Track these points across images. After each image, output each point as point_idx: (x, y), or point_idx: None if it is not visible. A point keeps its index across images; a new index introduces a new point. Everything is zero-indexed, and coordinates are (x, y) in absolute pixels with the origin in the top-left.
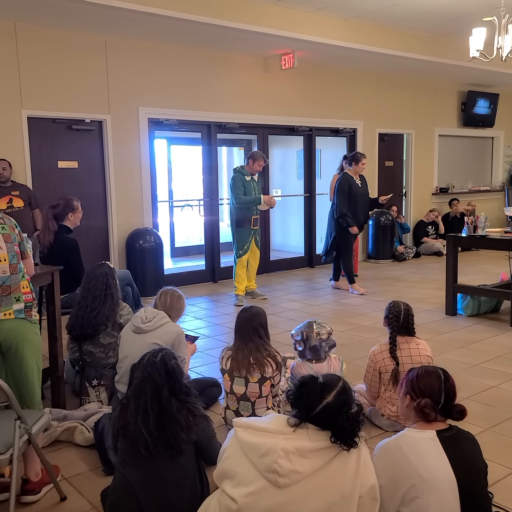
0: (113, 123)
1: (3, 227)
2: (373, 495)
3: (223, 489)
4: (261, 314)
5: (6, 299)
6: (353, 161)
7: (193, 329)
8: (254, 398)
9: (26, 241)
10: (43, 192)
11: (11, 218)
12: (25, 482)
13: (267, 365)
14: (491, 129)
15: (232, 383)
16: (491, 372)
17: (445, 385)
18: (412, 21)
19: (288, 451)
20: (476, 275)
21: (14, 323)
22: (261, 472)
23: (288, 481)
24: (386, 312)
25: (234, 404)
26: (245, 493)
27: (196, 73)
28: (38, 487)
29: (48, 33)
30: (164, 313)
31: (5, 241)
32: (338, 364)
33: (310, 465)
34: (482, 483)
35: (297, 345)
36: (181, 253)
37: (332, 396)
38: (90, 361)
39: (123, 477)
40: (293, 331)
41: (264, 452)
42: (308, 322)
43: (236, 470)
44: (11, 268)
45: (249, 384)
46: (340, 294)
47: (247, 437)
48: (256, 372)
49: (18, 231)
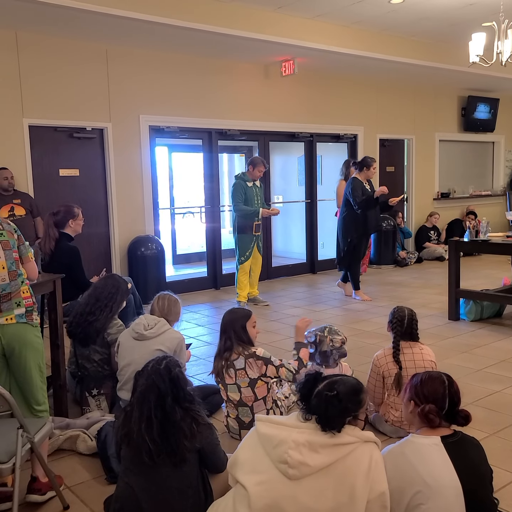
0: (114, 131)
1: (1, 233)
2: (382, 503)
3: (236, 476)
4: (233, 314)
5: (7, 304)
6: (364, 166)
7: (195, 336)
8: (251, 403)
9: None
10: (45, 200)
11: (10, 222)
12: (33, 480)
13: (249, 368)
14: (491, 134)
15: (227, 391)
16: (495, 377)
17: (449, 390)
18: (411, 27)
19: (299, 443)
20: (478, 280)
21: (16, 328)
22: (274, 462)
23: (297, 473)
24: (390, 317)
25: (233, 412)
26: (257, 482)
27: (196, 81)
28: (44, 488)
29: (49, 42)
30: (164, 320)
31: (3, 248)
32: (348, 371)
33: (320, 460)
34: (487, 489)
35: (309, 347)
36: (183, 260)
37: (323, 384)
38: (87, 374)
39: (127, 485)
40: (307, 332)
41: (277, 443)
42: (324, 327)
43: (252, 459)
44: (10, 275)
45: (242, 389)
46: (343, 300)
47: (265, 429)
48: (243, 377)
49: (17, 236)
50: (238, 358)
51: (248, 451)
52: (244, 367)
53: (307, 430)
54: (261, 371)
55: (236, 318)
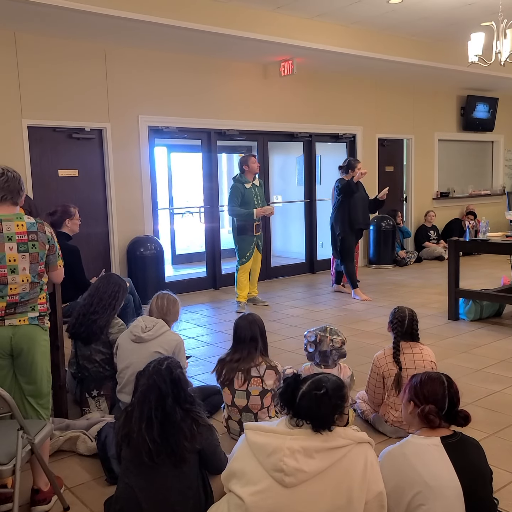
0: (113, 131)
1: (34, 245)
2: (380, 503)
3: (231, 489)
4: (259, 322)
5: (23, 308)
6: (349, 169)
7: (194, 336)
8: (256, 410)
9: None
10: (44, 201)
11: (46, 230)
12: (36, 492)
13: (268, 378)
14: (491, 133)
15: (234, 397)
16: (495, 377)
17: (449, 390)
18: (410, 27)
19: (294, 450)
20: (478, 279)
21: (27, 329)
22: (268, 471)
23: (294, 480)
24: (390, 317)
25: (236, 416)
26: (252, 492)
27: (195, 81)
28: (49, 497)
29: (47, 42)
30: (162, 321)
31: (31, 261)
32: (347, 372)
33: (316, 465)
34: (487, 489)
35: (308, 346)
36: (182, 260)
37: (307, 385)
38: (88, 375)
39: (127, 486)
40: (306, 331)
41: (271, 452)
42: (325, 326)
43: (245, 470)
44: (31, 285)
45: (251, 397)
46: (342, 300)
47: (256, 438)
48: (257, 385)
49: (49, 246)
50: (256, 367)
51: (240, 463)
52: (262, 375)
53: (300, 436)
54: (275, 383)
55: (261, 326)
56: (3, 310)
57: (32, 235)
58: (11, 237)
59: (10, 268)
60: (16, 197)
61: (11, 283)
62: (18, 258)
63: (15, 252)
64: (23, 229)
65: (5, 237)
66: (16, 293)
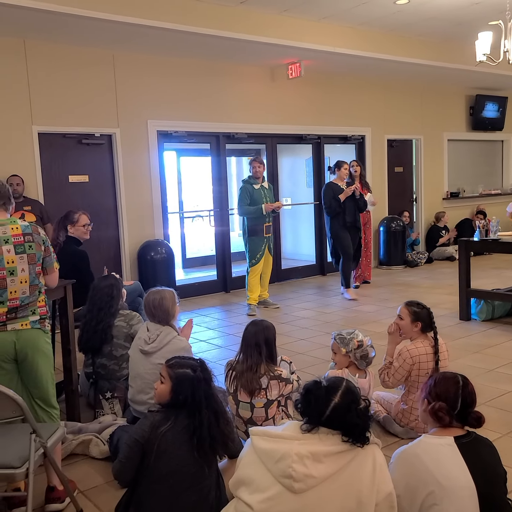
0: (122, 136)
1: (30, 246)
2: (390, 504)
3: (240, 496)
4: (267, 330)
5: (23, 312)
6: (336, 168)
7: (206, 339)
8: (261, 422)
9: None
10: (55, 206)
11: (40, 232)
12: (51, 489)
13: (271, 389)
14: (500, 133)
15: (238, 407)
16: (507, 377)
17: (462, 390)
18: (418, 27)
19: (303, 456)
20: (489, 279)
21: (30, 333)
22: (276, 478)
23: (303, 486)
24: (424, 312)
25: (242, 426)
26: (261, 499)
27: (203, 85)
28: (63, 496)
29: (56, 49)
30: (168, 327)
31: (29, 262)
32: (373, 379)
33: (325, 470)
34: (501, 490)
35: (373, 350)
36: (193, 264)
37: (339, 396)
38: (104, 374)
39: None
40: (359, 336)
41: (279, 458)
42: (356, 331)
43: (253, 477)
44: (31, 288)
45: (255, 409)
46: (353, 302)
47: (262, 444)
48: (261, 397)
49: (45, 247)
50: (259, 378)
51: (248, 470)
52: (265, 387)
53: (308, 440)
54: (281, 391)
55: (269, 335)
56: (4, 315)
57: (27, 237)
58: (7, 240)
59: (9, 270)
60: (8, 203)
61: (11, 286)
62: (16, 259)
63: (12, 254)
64: (18, 231)
65: (2, 240)
66: (16, 297)
